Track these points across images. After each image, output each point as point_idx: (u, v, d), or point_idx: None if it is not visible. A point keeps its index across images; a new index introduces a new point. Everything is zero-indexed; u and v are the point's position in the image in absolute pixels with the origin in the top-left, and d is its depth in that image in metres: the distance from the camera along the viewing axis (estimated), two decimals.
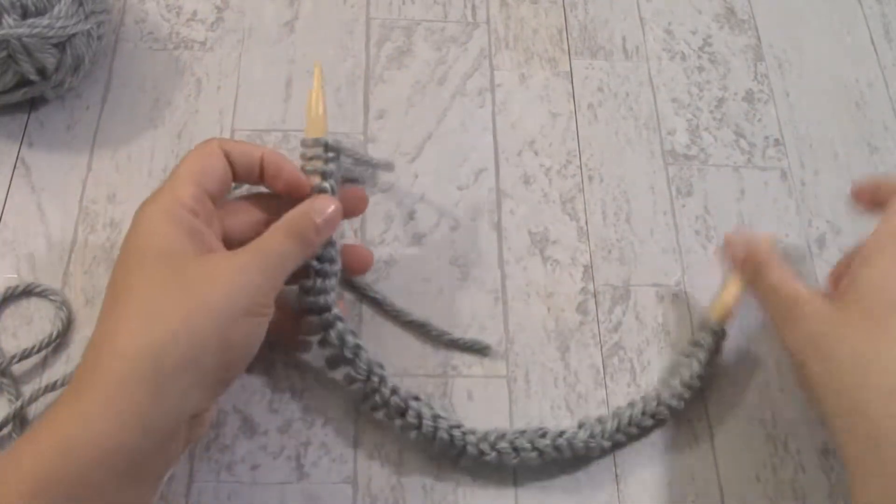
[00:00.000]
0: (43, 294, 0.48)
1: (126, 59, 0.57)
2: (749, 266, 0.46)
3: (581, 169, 0.55)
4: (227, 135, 0.54)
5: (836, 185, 0.56)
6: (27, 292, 0.48)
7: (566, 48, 0.60)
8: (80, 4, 0.51)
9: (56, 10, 0.49)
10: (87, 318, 0.48)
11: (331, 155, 0.45)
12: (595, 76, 0.59)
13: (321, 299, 0.44)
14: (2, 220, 0.51)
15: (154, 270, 0.38)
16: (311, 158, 0.45)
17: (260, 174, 0.44)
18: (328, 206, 0.43)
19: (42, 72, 0.51)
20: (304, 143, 0.46)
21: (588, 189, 0.55)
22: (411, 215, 0.53)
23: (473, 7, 0.61)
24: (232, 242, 0.42)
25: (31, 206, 0.51)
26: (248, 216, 0.45)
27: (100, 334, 0.37)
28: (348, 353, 0.44)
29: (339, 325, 0.44)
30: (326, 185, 0.44)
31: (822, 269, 0.53)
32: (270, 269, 0.40)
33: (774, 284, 0.44)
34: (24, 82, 0.51)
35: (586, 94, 0.58)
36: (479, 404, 0.47)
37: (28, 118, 0.54)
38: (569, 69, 0.59)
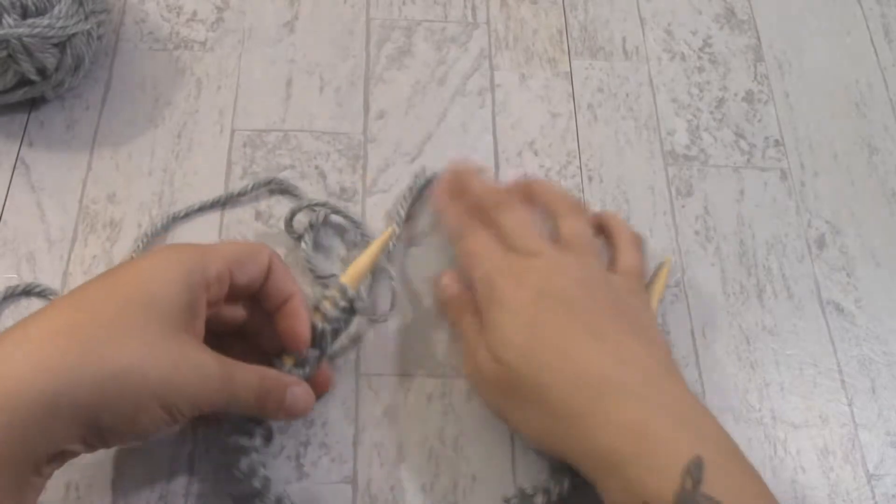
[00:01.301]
0: (43, 294, 0.48)
1: (126, 59, 0.57)
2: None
3: (581, 169, 0.55)
4: (226, 135, 0.54)
5: (835, 186, 0.56)
6: (27, 292, 0.48)
7: (566, 48, 0.60)
8: (80, 4, 0.51)
9: (56, 10, 0.49)
10: None
11: (344, 307, 0.44)
12: (595, 76, 0.59)
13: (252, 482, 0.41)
14: (2, 219, 0.51)
15: (126, 307, 0.35)
16: (327, 298, 0.44)
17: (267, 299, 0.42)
18: (302, 401, 0.41)
19: (42, 72, 0.51)
20: (332, 283, 0.45)
21: (588, 189, 0.55)
22: (411, 215, 0.53)
23: (473, 7, 0.61)
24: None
25: (31, 205, 0.51)
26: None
27: (28, 319, 0.35)
28: (257, 484, 0.41)
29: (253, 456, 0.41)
30: (313, 354, 0.43)
31: (821, 269, 0.53)
32: (215, 390, 0.37)
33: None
34: (24, 82, 0.51)
35: (586, 94, 0.58)
36: (479, 404, 0.47)
37: (28, 118, 0.54)
38: (569, 69, 0.59)
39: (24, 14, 0.49)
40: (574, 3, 0.62)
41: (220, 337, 0.41)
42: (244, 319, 0.43)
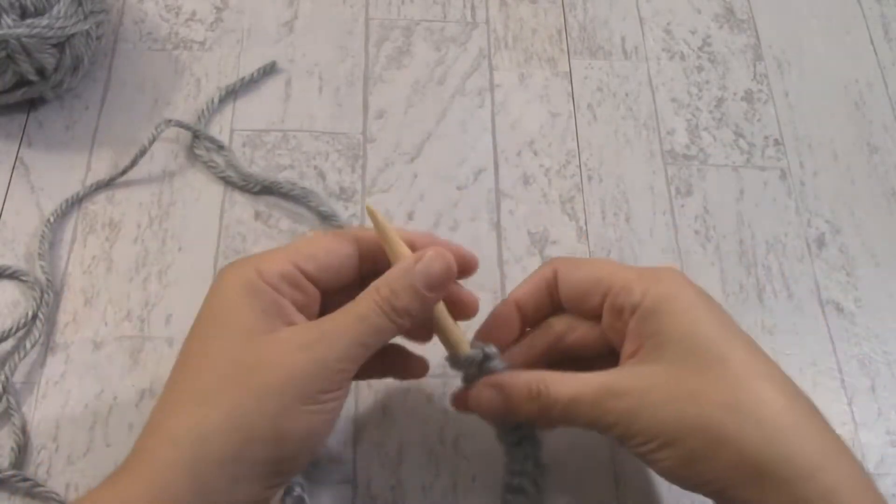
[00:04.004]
0: (14, 276, 0.48)
1: (125, 60, 0.57)
2: (526, 406, 0.38)
3: (580, 169, 0.55)
4: (226, 135, 0.54)
5: (835, 186, 0.56)
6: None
7: (565, 48, 0.60)
8: (80, 4, 0.51)
9: (55, 10, 0.49)
10: (86, 318, 0.48)
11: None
12: (594, 76, 0.59)
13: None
14: (1, 219, 0.51)
15: (218, 347, 0.35)
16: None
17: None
18: (435, 265, 0.36)
19: (41, 72, 0.51)
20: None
21: (587, 189, 0.55)
22: (411, 215, 0.53)
23: (472, 7, 0.61)
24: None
25: (30, 205, 0.51)
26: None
27: (157, 410, 0.36)
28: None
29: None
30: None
31: (821, 269, 0.53)
32: (343, 349, 0.35)
33: (569, 402, 0.37)
34: (23, 82, 0.51)
35: (585, 94, 0.58)
36: None
37: (27, 118, 0.54)
38: (568, 69, 0.59)
39: (23, 14, 0.49)
40: (573, 2, 0.62)
41: None
42: None
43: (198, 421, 0.34)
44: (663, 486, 0.45)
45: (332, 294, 0.39)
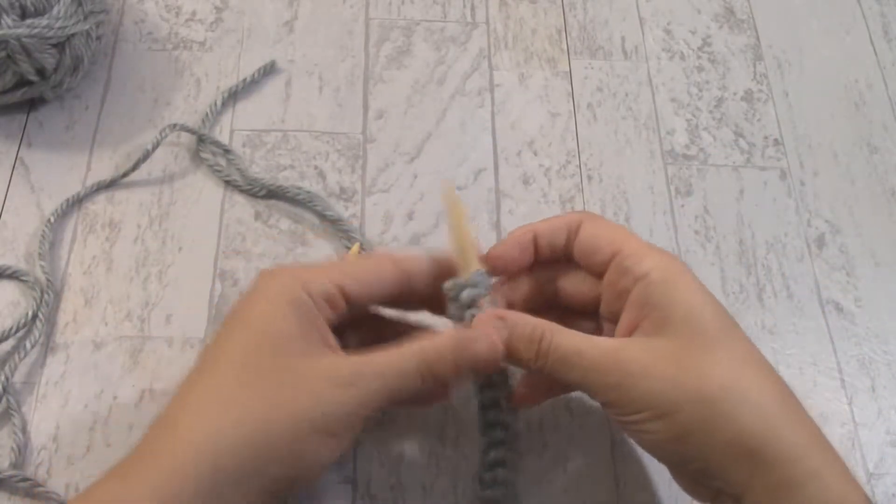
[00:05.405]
0: (15, 276, 0.48)
1: (125, 60, 0.57)
2: (525, 347, 0.38)
3: (580, 169, 0.55)
4: (226, 135, 0.54)
5: (835, 185, 0.56)
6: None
7: (565, 48, 0.60)
8: (80, 5, 0.51)
9: (55, 10, 0.49)
10: (86, 318, 0.48)
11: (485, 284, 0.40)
12: (594, 76, 0.59)
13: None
14: (1, 219, 0.51)
15: (249, 354, 0.35)
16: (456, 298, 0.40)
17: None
18: (484, 352, 0.37)
19: (41, 72, 0.51)
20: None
21: (587, 189, 0.55)
22: (411, 215, 0.53)
23: (472, 7, 0.61)
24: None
25: (30, 205, 0.51)
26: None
27: (173, 405, 0.35)
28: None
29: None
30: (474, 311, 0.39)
31: (821, 269, 0.53)
32: (370, 395, 0.36)
33: (571, 355, 0.37)
34: (23, 82, 0.51)
35: (585, 94, 0.58)
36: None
37: (27, 118, 0.54)
38: (568, 69, 0.59)
39: (23, 14, 0.49)
40: (573, 2, 0.62)
41: None
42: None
43: (217, 428, 0.33)
44: (663, 487, 0.45)
45: (356, 311, 0.40)
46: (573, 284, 0.42)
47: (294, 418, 0.34)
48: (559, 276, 0.42)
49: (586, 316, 0.42)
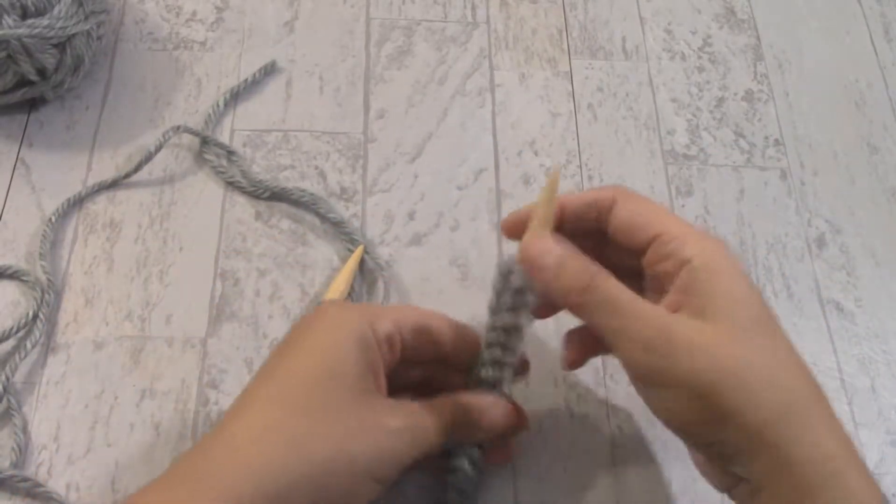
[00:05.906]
0: (15, 276, 0.48)
1: (126, 60, 0.57)
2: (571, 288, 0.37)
3: (581, 169, 0.55)
4: (226, 135, 0.54)
5: (835, 185, 0.56)
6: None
7: (566, 48, 0.60)
8: (80, 5, 0.51)
9: (56, 10, 0.49)
10: (87, 318, 0.48)
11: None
12: (595, 76, 0.59)
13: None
14: (1, 219, 0.51)
15: (314, 387, 0.36)
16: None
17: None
18: (501, 423, 0.40)
19: (42, 72, 0.51)
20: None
21: (588, 189, 0.55)
22: (411, 215, 0.53)
23: (473, 7, 0.61)
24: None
25: (31, 205, 0.51)
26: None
27: (235, 421, 0.35)
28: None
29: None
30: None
31: (821, 268, 0.53)
32: (419, 447, 0.37)
33: (620, 296, 0.36)
34: (23, 83, 0.51)
35: (586, 94, 0.58)
36: None
37: (28, 118, 0.54)
38: (568, 69, 0.59)
39: (24, 14, 0.49)
40: (574, 2, 0.62)
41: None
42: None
43: (283, 463, 0.34)
44: (664, 487, 0.45)
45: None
46: (607, 258, 0.40)
47: (355, 466, 0.35)
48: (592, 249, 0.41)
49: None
